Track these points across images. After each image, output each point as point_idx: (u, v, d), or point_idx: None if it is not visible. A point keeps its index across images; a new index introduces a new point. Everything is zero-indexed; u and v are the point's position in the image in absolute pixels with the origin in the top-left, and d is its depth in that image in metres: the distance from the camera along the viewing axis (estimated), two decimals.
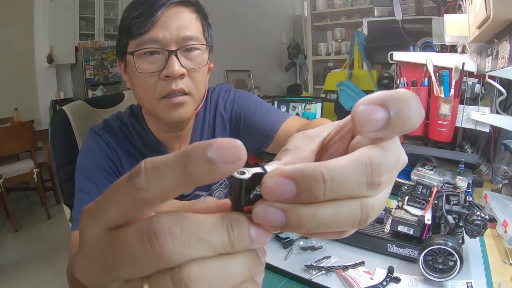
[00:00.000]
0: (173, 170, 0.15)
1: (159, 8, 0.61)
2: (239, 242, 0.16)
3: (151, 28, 0.61)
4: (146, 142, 0.75)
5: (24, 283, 1.91)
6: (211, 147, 0.15)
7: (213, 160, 0.15)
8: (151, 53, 0.62)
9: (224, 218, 0.16)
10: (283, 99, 1.85)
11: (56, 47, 3.58)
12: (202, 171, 0.15)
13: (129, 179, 0.16)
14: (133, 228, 0.16)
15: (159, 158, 0.16)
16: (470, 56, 0.98)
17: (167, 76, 0.62)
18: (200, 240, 0.15)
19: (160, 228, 0.15)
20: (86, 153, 0.70)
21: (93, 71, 3.83)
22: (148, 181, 0.15)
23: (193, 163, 0.15)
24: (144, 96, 0.65)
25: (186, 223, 0.15)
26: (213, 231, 0.16)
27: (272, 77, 4.70)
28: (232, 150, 0.15)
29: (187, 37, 0.63)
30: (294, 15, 5.09)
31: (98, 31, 3.97)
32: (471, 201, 0.57)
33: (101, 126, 0.73)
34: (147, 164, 0.16)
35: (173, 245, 0.15)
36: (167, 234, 0.15)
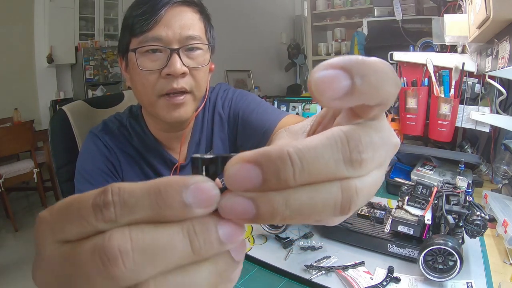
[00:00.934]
0: (144, 210, 0.14)
1: (162, 6, 0.61)
2: (206, 249, 0.15)
3: (154, 26, 0.61)
4: (145, 143, 0.75)
5: (24, 283, 1.91)
6: (187, 190, 0.14)
7: (189, 205, 0.14)
8: (153, 51, 0.62)
9: (184, 224, 0.14)
10: (283, 99, 1.85)
11: (56, 47, 3.58)
12: (177, 215, 0.14)
13: (96, 207, 0.14)
14: (88, 244, 0.14)
15: (129, 190, 0.15)
16: (470, 56, 0.98)
17: (169, 74, 0.62)
18: (156, 256, 0.14)
19: (109, 246, 0.14)
20: (85, 156, 0.71)
21: (93, 71, 3.83)
22: (118, 216, 0.14)
23: (166, 207, 0.14)
24: (144, 93, 0.65)
25: (138, 238, 0.14)
26: (170, 243, 0.14)
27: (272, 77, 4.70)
28: (208, 194, 0.14)
29: (190, 37, 0.63)
30: (294, 15, 5.09)
31: (98, 31, 3.97)
32: (471, 201, 0.57)
33: (100, 128, 0.73)
34: (115, 197, 0.14)
35: (124, 265, 0.13)
36: (116, 253, 0.13)
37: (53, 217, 0.16)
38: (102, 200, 0.14)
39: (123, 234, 0.14)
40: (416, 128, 1.07)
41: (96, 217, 0.14)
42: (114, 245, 0.14)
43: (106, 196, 0.14)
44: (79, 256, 0.14)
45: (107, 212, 0.14)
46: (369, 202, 0.74)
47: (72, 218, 0.15)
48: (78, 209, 0.15)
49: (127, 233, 0.14)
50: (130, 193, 0.14)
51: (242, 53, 4.10)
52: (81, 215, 0.15)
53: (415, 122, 1.06)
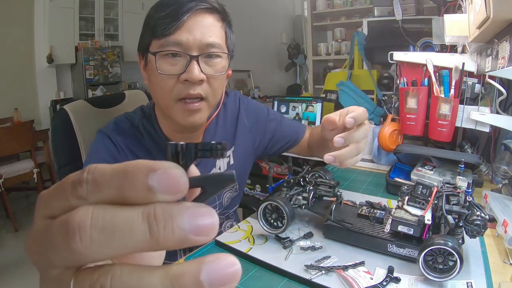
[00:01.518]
0: (110, 188, 0.15)
1: (186, 12, 0.62)
2: (165, 236, 0.14)
3: (176, 31, 0.62)
4: (157, 144, 0.75)
5: (24, 283, 1.91)
6: (154, 173, 0.14)
7: (153, 188, 0.14)
8: (173, 55, 0.63)
9: (145, 207, 0.14)
10: (283, 99, 1.85)
11: (56, 47, 3.58)
12: (140, 198, 0.14)
13: (73, 184, 0.15)
14: (59, 218, 0.15)
15: (102, 169, 0.15)
16: (470, 56, 0.98)
17: (186, 80, 0.63)
18: (112, 236, 0.14)
19: (71, 221, 0.14)
20: (94, 156, 0.71)
21: (93, 71, 3.83)
22: (88, 193, 0.15)
23: (130, 187, 0.14)
24: (161, 96, 0.67)
25: (97, 217, 0.14)
26: (128, 224, 0.14)
27: (272, 77, 4.70)
28: (174, 180, 0.14)
29: (210, 44, 0.64)
30: (294, 15, 5.10)
31: (98, 31, 3.97)
32: (471, 201, 0.57)
33: (112, 128, 0.73)
34: (89, 175, 0.15)
35: (81, 241, 0.14)
36: (75, 228, 0.14)
37: (48, 194, 0.17)
38: (78, 178, 0.15)
39: (86, 211, 0.14)
40: (416, 128, 1.07)
41: (71, 193, 0.15)
42: (76, 220, 0.14)
43: (83, 174, 0.15)
44: (52, 228, 0.15)
45: (80, 188, 0.15)
46: (369, 202, 0.74)
47: (58, 194, 0.16)
48: (62, 186, 0.16)
49: (90, 210, 0.14)
50: (101, 172, 0.15)
51: (242, 53, 4.09)
52: (64, 191, 0.16)
53: (415, 122, 1.06)
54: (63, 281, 0.16)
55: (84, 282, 0.15)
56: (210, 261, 0.14)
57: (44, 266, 0.17)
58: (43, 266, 0.17)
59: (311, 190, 0.73)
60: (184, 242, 0.14)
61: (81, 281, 0.15)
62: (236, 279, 0.14)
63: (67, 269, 0.16)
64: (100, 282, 0.14)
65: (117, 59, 4.03)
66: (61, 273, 0.16)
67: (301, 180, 0.76)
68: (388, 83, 1.74)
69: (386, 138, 1.09)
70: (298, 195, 0.74)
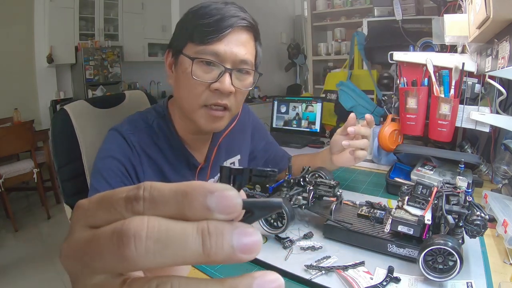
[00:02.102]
0: (168, 206, 0.16)
1: (228, 27, 0.65)
2: (216, 251, 0.15)
3: (215, 42, 0.65)
4: (170, 143, 0.76)
5: (24, 283, 1.91)
6: (212, 195, 0.15)
7: (211, 209, 0.15)
8: (208, 63, 0.66)
9: (200, 223, 0.15)
10: (283, 99, 1.85)
11: (56, 47, 3.58)
12: (198, 216, 0.15)
13: (127, 199, 0.16)
14: (110, 226, 0.16)
15: (159, 188, 0.16)
16: (470, 56, 0.98)
17: (217, 89, 0.66)
18: (167, 247, 0.15)
19: (127, 230, 0.15)
20: (106, 153, 0.71)
21: (93, 71, 3.83)
22: (145, 209, 0.16)
23: (190, 207, 0.15)
24: (188, 99, 0.69)
25: (154, 227, 0.15)
26: (183, 237, 0.15)
27: (272, 77, 4.70)
28: (231, 202, 0.16)
29: (243, 61, 0.68)
30: (294, 15, 5.10)
31: (98, 31, 3.97)
32: (471, 201, 0.57)
33: (127, 127, 0.74)
34: (146, 193, 0.16)
35: (136, 249, 0.15)
36: (131, 237, 0.15)
37: (90, 204, 0.17)
38: (134, 194, 0.16)
39: (141, 221, 0.15)
40: (416, 128, 1.07)
41: (126, 208, 0.16)
42: (131, 229, 0.15)
43: (139, 191, 0.16)
44: (99, 235, 0.16)
45: (137, 205, 0.16)
46: (369, 202, 0.74)
47: (105, 207, 0.17)
48: (111, 199, 0.16)
49: (145, 221, 0.15)
50: (159, 191, 0.16)
51: None
52: (113, 205, 0.16)
53: (415, 122, 1.06)
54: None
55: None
56: (259, 276, 0.16)
57: (83, 274, 0.17)
58: (81, 274, 0.17)
59: (311, 190, 0.73)
60: (231, 258, 0.15)
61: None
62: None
63: (114, 277, 0.16)
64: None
65: (117, 59, 4.03)
66: (103, 281, 0.16)
67: (301, 180, 0.76)
68: (388, 83, 1.74)
69: (386, 138, 1.09)
70: (298, 195, 0.74)
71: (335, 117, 1.81)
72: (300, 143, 1.59)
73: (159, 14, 4.31)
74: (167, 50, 0.74)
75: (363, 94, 1.68)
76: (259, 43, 0.75)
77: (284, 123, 1.81)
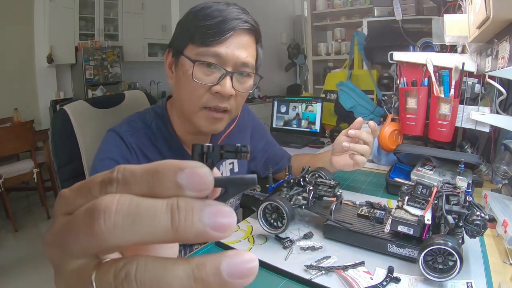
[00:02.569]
0: (140, 186, 0.16)
1: (230, 29, 0.64)
2: (185, 226, 0.15)
3: (217, 44, 0.64)
4: (169, 144, 0.77)
5: (24, 283, 1.91)
6: (182, 172, 0.15)
7: (182, 186, 0.15)
8: (208, 65, 0.66)
9: (170, 199, 0.15)
10: (283, 99, 1.85)
11: (56, 47, 3.58)
12: (169, 193, 0.15)
13: (102, 183, 0.16)
14: (83, 207, 0.16)
15: (131, 169, 0.16)
16: (470, 56, 0.98)
17: (217, 92, 0.66)
18: (135, 222, 0.15)
19: (98, 205, 0.15)
20: (104, 155, 0.71)
21: (93, 71, 3.83)
22: (118, 191, 0.16)
23: (160, 185, 0.15)
24: (188, 101, 0.69)
25: (124, 203, 0.15)
26: (152, 212, 0.15)
27: (272, 77, 4.70)
28: (202, 178, 0.15)
29: (244, 63, 0.68)
30: (294, 15, 5.10)
31: (98, 31, 3.97)
32: (471, 201, 0.57)
33: (125, 128, 0.74)
34: (119, 174, 0.16)
35: (104, 224, 0.15)
36: (100, 211, 0.15)
37: (70, 192, 0.18)
38: (108, 177, 0.16)
39: (112, 198, 0.15)
40: (416, 128, 1.07)
41: (100, 192, 0.16)
42: (101, 204, 0.15)
43: (112, 173, 0.16)
44: (74, 217, 0.16)
45: (110, 187, 0.16)
46: (369, 202, 0.74)
47: (83, 193, 0.17)
48: (89, 185, 0.17)
49: (116, 197, 0.15)
50: (132, 171, 0.16)
51: None
52: (90, 190, 0.17)
53: (415, 122, 1.06)
54: (84, 273, 0.16)
55: (107, 272, 0.15)
56: (230, 255, 0.15)
57: (62, 260, 0.17)
58: (61, 259, 0.17)
59: (311, 190, 0.73)
60: (202, 236, 0.15)
61: (105, 272, 0.15)
62: (253, 273, 0.15)
63: (87, 261, 0.16)
64: (126, 270, 0.15)
65: (117, 59, 4.03)
66: (81, 266, 0.16)
67: (301, 180, 0.76)
68: (388, 83, 1.74)
69: (386, 138, 1.09)
70: (298, 195, 0.74)
71: (335, 117, 1.81)
72: (300, 143, 1.59)
73: (159, 14, 4.31)
74: (167, 50, 0.73)
75: (363, 94, 1.68)
76: (260, 45, 0.74)
77: (284, 123, 1.81)
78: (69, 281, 0.17)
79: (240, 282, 0.15)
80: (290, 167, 0.81)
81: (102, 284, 0.15)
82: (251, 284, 0.16)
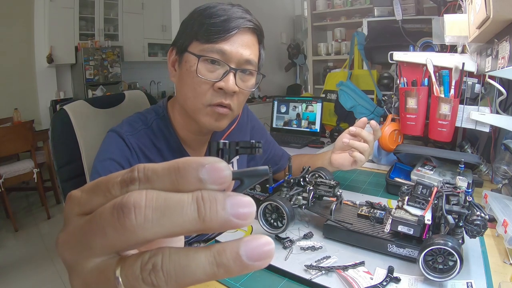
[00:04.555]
0: (163, 182, 0.16)
1: (235, 27, 0.66)
2: (211, 215, 0.16)
3: (221, 41, 0.66)
4: (170, 144, 0.77)
5: (24, 283, 1.91)
6: (204, 168, 0.16)
7: (204, 180, 0.16)
8: (212, 62, 0.67)
9: (195, 192, 0.16)
10: (283, 99, 1.85)
11: (56, 47, 3.59)
12: (192, 188, 0.16)
13: (123, 183, 0.17)
14: (108, 204, 0.16)
15: (152, 168, 0.17)
16: (470, 56, 0.98)
17: (221, 88, 0.67)
18: (164, 215, 0.15)
19: (127, 202, 0.15)
20: (105, 156, 0.71)
21: (93, 71, 3.84)
22: (140, 188, 0.16)
23: (183, 180, 0.16)
24: (192, 97, 0.69)
25: (152, 198, 0.16)
26: (179, 205, 0.16)
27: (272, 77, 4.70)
28: (221, 172, 0.17)
29: (248, 61, 0.69)
30: (294, 15, 5.09)
31: (98, 31, 3.97)
32: (471, 201, 0.57)
33: (126, 129, 0.74)
34: (140, 173, 0.17)
35: (135, 218, 0.15)
36: (131, 206, 0.15)
37: (83, 193, 0.18)
38: (129, 176, 0.17)
39: (140, 193, 0.16)
40: (416, 128, 1.07)
41: (121, 191, 0.17)
42: (130, 201, 0.15)
43: (133, 173, 0.17)
44: (99, 213, 0.16)
45: (132, 185, 0.16)
46: (369, 202, 0.74)
47: (100, 192, 0.17)
48: (107, 184, 0.17)
49: (143, 193, 0.16)
50: (153, 170, 0.17)
51: None
52: (109, 189, 0.17)
53: (415, 122, 1.06)
54: (106, 270, 0.16)
55: (133, 266, 0.16)
56: (248, 240, 0.16)
57: (80, 259, 0.17)
58: (79, 259, 0.17)
59: (311, 190, 0.73)
60: (226, 224, 0.16)
61: (130, 265, 0.16)
62: (270, 256, 0.16)
63: (108, 258, 0.17)
64: (152, 262, 0.15)
65: (117, 59, 4.03)
66: (101, 263, 0.17)
67: (301, 180, 0.76)
68: (388, 83, 1.74)
69: (386, 138, 1.09)
70: (298, 195, 0.74)
71: (335, 117, 1.81)
72: (300, 143, 1.59)
73: (159, 14, 4.32)
74: (170, 48, 0.74)
75: (363, 94, 1.68)
76: (263, 46, 0.75)
77: (284, 123, 1.81)
78: (89, 279, 0.17)
79: (259, 264, 0.16)
80: (290, 167, 0.81)
81: (129, 277, 0.16)
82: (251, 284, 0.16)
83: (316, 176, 0.82)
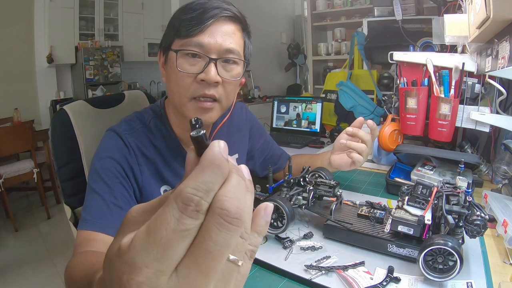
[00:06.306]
0: (216, 181, 0.22)
1: (211, 18, 0.66)
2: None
3: (199, 34, 0.66)
4: (168, 143, 0.77)
5: (24, 283, 1.91)
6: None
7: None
8: (193, 55, 0.67)
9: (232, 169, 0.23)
10: (283, 99, 1.85)
11: (56, 47, 3.58)
12: None
13: (179, 220, 0.19)
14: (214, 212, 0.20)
15: None
16: (470, 56, 0.98)
17: (203, 80, 0.66)
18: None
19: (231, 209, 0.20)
20: (103, 154, 0.71)
21: (93, 71, 3.83)
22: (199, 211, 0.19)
23: None
24: (177, 93, 0.69)
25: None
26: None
27: (272, 77, 4.70)
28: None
29: (229, 50, 0.68)
30: (294, 15, 5.09)
31: (98, 31, 3.97)
32: (471, 201, 0.57)
33: (124, 128, 0.74)
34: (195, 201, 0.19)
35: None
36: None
37: (145, 229, 0.19)
38: (183, 208, 0.19)
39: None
40: (416, 128, 1.07)
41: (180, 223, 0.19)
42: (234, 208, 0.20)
43: (190, 200, 0.19)
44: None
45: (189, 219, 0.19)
46: (369, 202, 0.74)
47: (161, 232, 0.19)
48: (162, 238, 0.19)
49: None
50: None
51: None
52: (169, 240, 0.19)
53: (415, 122, 1.06)
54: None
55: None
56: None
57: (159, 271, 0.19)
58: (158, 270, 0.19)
59: (311, 190, 0.73)
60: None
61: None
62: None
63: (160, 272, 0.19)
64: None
65: (117, 59, 4.03)
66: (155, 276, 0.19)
67: (301, 180, 0.76)
68: (388, 83, 1.74)
69: (386, 138, 1.09)
70: (298, 195, 0.74)
71: (335, 117, 1.81)
72: (300, 143, 1.59)
73: (159, 14, 4.31)
74: (159, 50, 0.74)
75: (363, 94, 1.68)
76: (247, 34, 0.74)
77: (284, 123, 1.81)
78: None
79: None
80: (290, 167, 0.81)
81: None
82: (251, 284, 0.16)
83: (316, 176, 0.82)
